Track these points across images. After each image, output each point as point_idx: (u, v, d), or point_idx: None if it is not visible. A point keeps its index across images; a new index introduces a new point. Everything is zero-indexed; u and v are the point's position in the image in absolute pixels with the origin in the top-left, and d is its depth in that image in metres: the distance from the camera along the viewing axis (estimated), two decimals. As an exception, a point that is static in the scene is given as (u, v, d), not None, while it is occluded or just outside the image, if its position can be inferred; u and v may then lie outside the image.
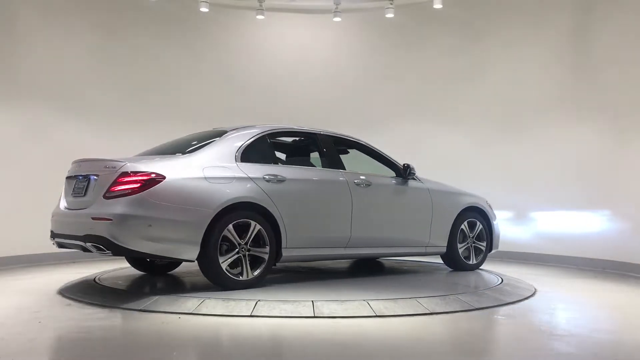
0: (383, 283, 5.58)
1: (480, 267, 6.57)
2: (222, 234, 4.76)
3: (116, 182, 4.62)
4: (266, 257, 4.98)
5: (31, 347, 3.48)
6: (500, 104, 8.50)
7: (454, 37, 8.87)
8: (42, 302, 4.80)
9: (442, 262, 6.65)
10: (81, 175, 4.99)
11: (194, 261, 4.77)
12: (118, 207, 4.54)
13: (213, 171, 4.86)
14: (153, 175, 4.62)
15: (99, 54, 8.24)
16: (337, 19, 8.92)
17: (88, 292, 5.01)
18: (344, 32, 9.28)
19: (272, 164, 5.37)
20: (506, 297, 5.03)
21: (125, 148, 7.64)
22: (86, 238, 4.65)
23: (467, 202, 6.46)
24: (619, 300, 5.40)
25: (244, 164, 5.07)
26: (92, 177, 4.86)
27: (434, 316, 4.34)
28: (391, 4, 8.69)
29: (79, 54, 8.07)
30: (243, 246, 4.88)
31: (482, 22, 8.72)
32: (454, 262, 6.42)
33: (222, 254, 4.78)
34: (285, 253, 5.12)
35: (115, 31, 8.39)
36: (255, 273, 4.94)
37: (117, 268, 6.42)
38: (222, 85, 8.99)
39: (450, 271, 6.45)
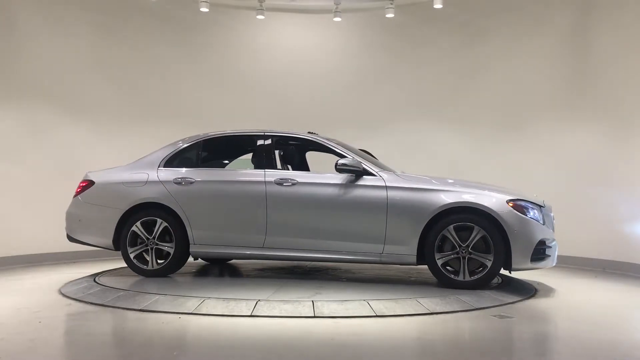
0: (383, 283, 5.58)
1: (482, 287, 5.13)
2: (132, 229, 5.66)
3: (78, 187, 6.02)
4: (171, 251, 5.62)
5: (31, 347, 3.49)
6: (500, 103, 8.50)
7: (454, 37, 8.87)
8: (42, 302, 4.82)
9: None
10: None
11: (116, 250, 5.75)
12: (69, 206, 6.03)
13: (132, 176, 5.80)
14: (87, 182, 5.95)
15: (99, 54, 8.24)
16: (337, 19, 8.92)
17: (88, 292, 5.02)
18: (344, 32, 9.27)
19: (191, 168, 5.79)
20: (506, 297, 5.03)
21: (124, 148, 7.64)
22: None
23: (452, 199, 5.12)
24: (619, 300, 5.40)
25: (164, 169, 5.79)
26: None
27: (434, 316, 4.34)
28: (391, 4, 8.69)
29: (79, 54, 8.07)
30: (151, 240, 5.63)
31: (482, 22, 8.72)
32: (437, 277, 5.25)
33: (134, 246, 5.69)
34: (193, 249, 5.65)
35: (115, 31, 8.39)
36: (159, 265, 5.66)
37: (117, 268, 6.42)
38: (222, 85, 8.98)
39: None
